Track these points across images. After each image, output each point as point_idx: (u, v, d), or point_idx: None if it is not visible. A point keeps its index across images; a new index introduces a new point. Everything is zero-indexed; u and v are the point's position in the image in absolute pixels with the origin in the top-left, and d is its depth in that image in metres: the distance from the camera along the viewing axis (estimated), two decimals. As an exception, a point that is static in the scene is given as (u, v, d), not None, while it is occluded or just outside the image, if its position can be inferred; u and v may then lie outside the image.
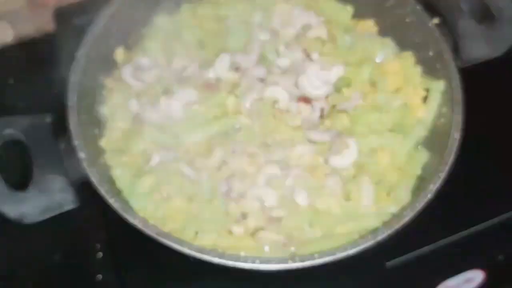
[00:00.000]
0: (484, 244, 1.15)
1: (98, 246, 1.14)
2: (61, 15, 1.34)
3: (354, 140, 1.08)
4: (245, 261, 0.92)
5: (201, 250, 0.93)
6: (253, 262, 0.92)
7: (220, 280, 1.10)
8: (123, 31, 1.21)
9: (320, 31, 1.23)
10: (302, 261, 0.93)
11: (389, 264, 1.11)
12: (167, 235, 0.94)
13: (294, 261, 0.93)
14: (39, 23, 1.47)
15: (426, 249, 1.13)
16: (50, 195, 0.97)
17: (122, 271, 1.09)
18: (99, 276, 1.11)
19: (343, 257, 0.94)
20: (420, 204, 0.98)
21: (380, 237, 0.95)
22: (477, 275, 1.15)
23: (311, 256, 0.93)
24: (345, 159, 1.07)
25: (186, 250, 0.93)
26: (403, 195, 1.07)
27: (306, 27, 1.25)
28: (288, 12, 1.25)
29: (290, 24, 1.25)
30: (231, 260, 0.92)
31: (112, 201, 0.97)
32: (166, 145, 1.11)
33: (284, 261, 0.93)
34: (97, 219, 1.10)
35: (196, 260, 1.03)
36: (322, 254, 0.93)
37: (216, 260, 0.92)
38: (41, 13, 1.44)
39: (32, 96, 1.26)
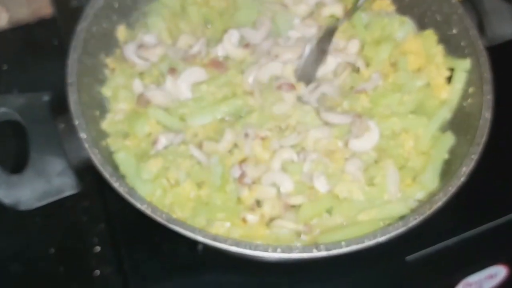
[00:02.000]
0: (509, 238, 1.09)
1: (96, 240, 1.06)
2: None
3: (375, 123, 1.01)
4: (266, 250, 0.84)
5: (216, 238, 0.84)
6: (274, 251, 0.84)
7: (230, 271, 1.03)
8: (125, 8, 1.13)
9: (334, 8, 1.16)
10: (328, 249, 0.85)
11: (408, 258, 1.05)
12: (179, 222, 0.85)
13: (319, 250, 0.84)
14: (35, 7, 1.38)
15: (447, 243, 1.07)
16: (48, 178, 0.89)
17: (124, 264, 1.01)
18: (97, 272, 1.03)
19: (372, 245, 0.86)
20: (453, 188, 0.91)
21: (412, 223, 0.87)
22: (500, 271, 1.08)
23: (338, 244, 0.85)
24: (366, 142, 0.99)
25: (200, 238, 0.84)
26: (430, 181, 0.99)
27: (319, 4, 1.18)
28: (300, -12, 1.17)
29: (302, 1, 1.18)
30: (250, 249, 0.84)
31: (116, 185, 0.88)
32: (173, 128, 1.03)
33: (308, 250, 0.84)
34: (96, 208, 1.02)
35: (203, 251, 0.95)
36: (349, 242, 0.85)
37: (233, 249, 0.84)
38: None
39: (27, 83, 1.18)
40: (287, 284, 1.04)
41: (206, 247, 0.86)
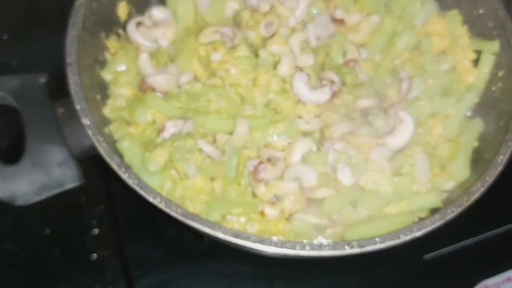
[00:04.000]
0: None
1: (94, 222, 0.97)
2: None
3: (408, 114, 0.93)
4: (293, 247, 0.76)
5: (239, 235, 0.76)
6: (303, 248, 0.76)
7: (236, 261, 0.96)
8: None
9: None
10: (362, 246, 0.77)
11: (427, 257, 0.99)
12: (197, 218, 0.77)
13: (352, 247, 0.77)
14: None
15: (466, 243, 1.01)
16: (47, 169, 0.79)
17: (125, 249, 0.93)
18: (94, 255, 0.95)
19: (408, 240, 0.78)
20: (491, 178, 0.84)
21: (450, 216, 0.80)
22: None
23: (371, 240, 0.77)
24: (402, 136, 0.92)
25: (220, 235, 0.76)
26: (461, 170, 0.93)
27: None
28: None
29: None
30: (276, 246, 0.76)
31: (125, 176, 0.79)
32: (179, 116, 0.94)
33: (340, 247, 0.77)
34: (96, 189, 0.93)
35: (210, 243, 0.87)
36: (383, 238, 0.78)
37: (257, 246, 0.76)
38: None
39: (27, 54, 1.09)
40: (297, 278, 0.97)
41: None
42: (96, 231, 0.97)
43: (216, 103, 0.92)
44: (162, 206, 0.77)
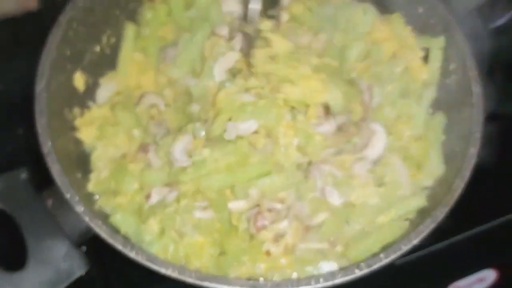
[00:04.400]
0: (498, 241, 1.09)
1: None
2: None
3: (378, 124, 0.98)
4: (308, 283, 0.79)
5: (256, 286, 0.79)
6: (317, 282, 0.80)
7: None
8: (78, 53, 1.02)
9: (297, 8, 1.11)
10: (369, 266, 0.82)
11: (397, 262, 0.98)
12: (213, 278, 0.79)
13: (361, 269, 0.81)
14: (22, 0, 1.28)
15: (436, 247, 1.06)
16: (54, 265, 0.80)
17: None
18: None
19: (409, 249, 0.84)
20: (467, 171, 0.90)
21: (440, 217, 0.86)
22: (489, 275, 1.08)
23: (377, 258, 0.82)
24: (377, 147, 0.96)
25: (238, 289, 0.79)
26: (436, 166, 0.98)
27: (278, 8, 1.13)
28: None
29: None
30: (292, 286, 0.79)
31: (133, 254, 0.80)
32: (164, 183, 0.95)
33: (351, 272, 0.81)
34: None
35: None
36: (387, 253, 0.83)
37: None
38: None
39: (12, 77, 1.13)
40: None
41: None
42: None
43: (223, 159, 0.92)
44: (175, 275, 0.79)
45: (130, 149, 0.96)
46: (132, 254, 0.80)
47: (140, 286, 1.02)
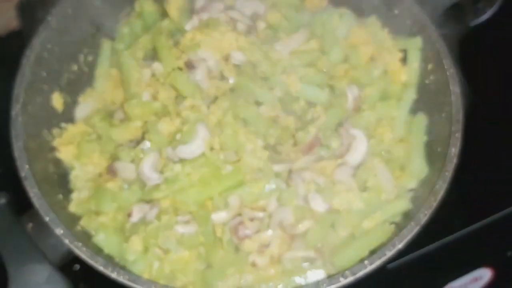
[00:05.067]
0: (492, 240, 1.08)
1: None
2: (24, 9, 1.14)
3: (358, 129, 0.98)
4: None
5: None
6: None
7: None
8: (53, 73, 1.01)
9: (273, 17, 1.11)
10: (354, 273, 0.81)
11: (390, 266, 1.02)
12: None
13: (346, 277, 0.81)
14: (4, 20, 1.28)
15: (428, 248, 1.04)
16: (36, 290, 0.79)
17: None
18: None
19: (394, 254, 0.83)
20: (449, 172, 0.89)
21: (424, 220, 0.85)
22: (484, 274, 1.07)
23: (362, 265, 0.82)
24: (358, 152, 0.96)
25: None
26: (419, 168, 0.98)
27: (254, 17, 1.12)
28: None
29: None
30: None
31: (114, 275, 0.79)
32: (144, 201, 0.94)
33: (336, 280, 0.80)
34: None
35: None
36: (371, 259, 0.82)
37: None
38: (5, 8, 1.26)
39: None
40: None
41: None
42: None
43: (196, 173, 0.92)
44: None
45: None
46: (113, 275, 0.79)
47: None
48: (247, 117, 0.97)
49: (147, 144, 0.95)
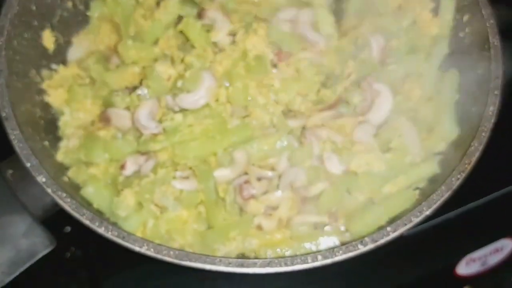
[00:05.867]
0: None
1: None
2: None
3: (382, 84, 0.87)
4: (305, 261, 0.69)
5: (244, 264, 0.69)
6: (315, 259, 0.69)
7: None
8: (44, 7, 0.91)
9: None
10: (375, 241, 0.71)
11: (406, 233, 0.90)
12: (194, 256, 0.69)
13: (365, 244, 0.71)
14: None
15: (448, 216, 0.94)
16: (13, 244, 0.70)
17: None
18: None
19: (421, 221, 0.73)
20: (486, 133, 0.79)
21: (456, 185, 0.75)
22: (506, 244, 0.98)
23: (383, 231, 0.72)
24: (382, 109, 0.85)
25: (222, 268, 0.68)
26: (449, 129, 0.87)
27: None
28: None
29: None
30: (286, 265, 0.69)
31: (102, 230, 0.70)
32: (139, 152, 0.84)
33: (353, 248, 0.70)
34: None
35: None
36: (395, 226, 0.72)
37: (266, 270, 0.69)
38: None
39: None
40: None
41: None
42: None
43: (199, 124, 0.82)
44: (151, 253, 0.69)
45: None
46: (100, 230, 0.70)
47: (128, 267, 0.92)
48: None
49: (144, 90, 0.85)
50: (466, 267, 0.96)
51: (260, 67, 0.86)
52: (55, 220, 0.77)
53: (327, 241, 0.80)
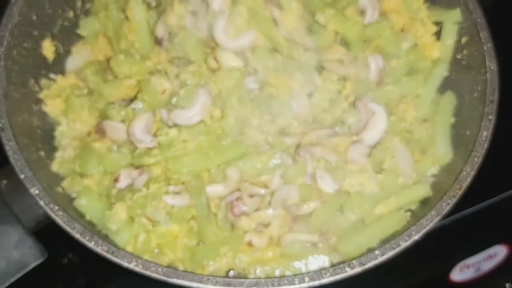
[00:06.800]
0: (509, 215, 0.98)
1: None
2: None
3: (377, 104, 0.87)
4: (292, 283, 0.70)
5: (231, 283, 0.69)
6: (302, 281, 0.70)
7: None
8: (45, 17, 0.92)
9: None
10: (362, 264, 0.72)
11: None
12: (182, 274, 0.69)
13: (353, 267, 0.71)
14: None
15: (443, 223, 0.88)
16: (3, 255, 0.71)
17: None
18: None
19: (409, 245, 0.73)
20: (479, 158, 0.79)
21: (446, 210, 0.75)
22: (500, 251, 0.99)
23: (372, 254, 0.72)
24: (377, 129, 0.85)
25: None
26: (443, 152, 0.87)
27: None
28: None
29: None
30: (273, 286, 0.69)
31: (92, 245, 0.71)
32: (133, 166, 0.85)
33: (341, 270, 0.71)
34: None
35: None
36: (383, 249, 0.73)
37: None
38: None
39: None
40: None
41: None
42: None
43: (193, 140, 0.83)
44: (139, 269, 0.70)
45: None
46: (90, 245, 0.70)
47: (125, 273, 0.92)
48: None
49: (139, 104, 0.86)
50: (460, 273, 0.97)
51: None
52: (53, 226, 0.78)
53: (317, 260, 0.80)
